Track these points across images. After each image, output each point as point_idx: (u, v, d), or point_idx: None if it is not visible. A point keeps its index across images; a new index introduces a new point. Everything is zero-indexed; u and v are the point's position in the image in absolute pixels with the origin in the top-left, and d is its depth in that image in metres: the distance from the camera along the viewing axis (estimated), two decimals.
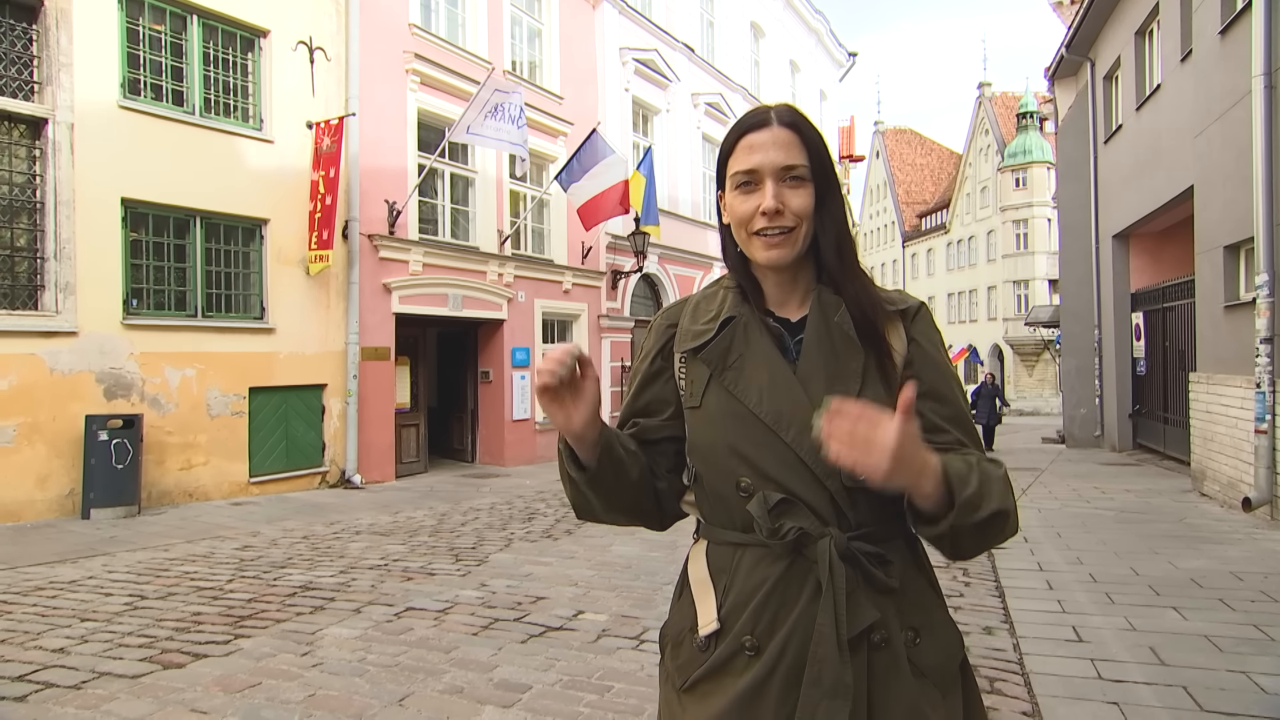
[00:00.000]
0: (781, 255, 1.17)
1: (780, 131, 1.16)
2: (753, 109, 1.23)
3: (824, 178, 1.18)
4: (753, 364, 1.18)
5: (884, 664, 1.10)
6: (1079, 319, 14.85)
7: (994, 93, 43.60)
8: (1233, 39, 7.58)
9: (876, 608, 1.11)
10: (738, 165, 1.18)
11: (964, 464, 1.10)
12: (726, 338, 1.21)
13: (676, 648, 1.22)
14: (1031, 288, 37.75)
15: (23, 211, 7.43)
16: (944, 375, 1.21)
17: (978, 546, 1.12)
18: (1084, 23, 12.99)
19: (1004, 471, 1.15)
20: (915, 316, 1.23)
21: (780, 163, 1.15)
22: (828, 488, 1.12)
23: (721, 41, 18.94)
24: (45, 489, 7.35)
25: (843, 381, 1.15)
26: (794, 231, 1.16)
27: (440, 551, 6.19)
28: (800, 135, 1.17)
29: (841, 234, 1.21)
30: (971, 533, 1.08)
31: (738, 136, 1.19)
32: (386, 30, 10.54)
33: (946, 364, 1.23)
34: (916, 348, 1.20)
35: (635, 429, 1.29)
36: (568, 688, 3.39)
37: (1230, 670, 3.45)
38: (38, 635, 4.05)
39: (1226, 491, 7.66)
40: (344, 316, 10.00)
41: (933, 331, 1.23)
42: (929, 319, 1.24)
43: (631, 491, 1.23)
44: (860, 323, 1.18)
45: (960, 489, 1.07)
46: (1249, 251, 7.51)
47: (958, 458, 1.12)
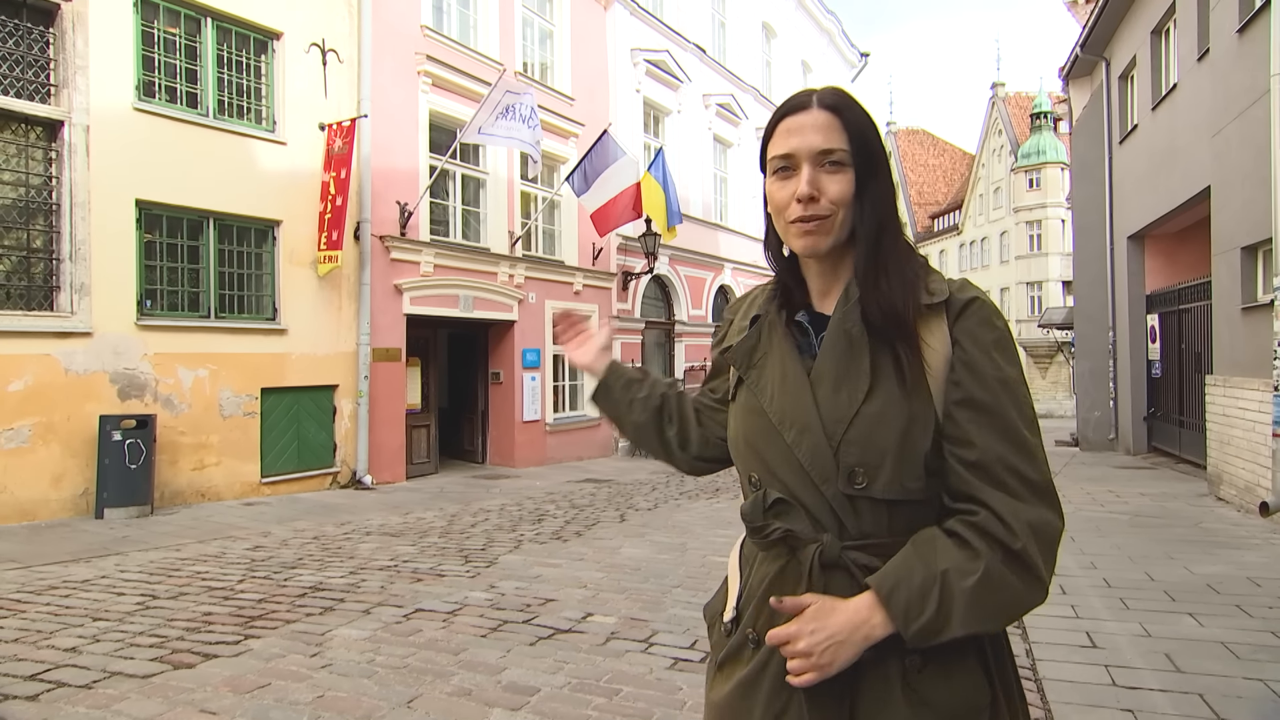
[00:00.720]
0: (815, 244, 1.12)
1: (820, 114, 1.10)
2: (797, 91, 1.18)
3: (867, 163, 1.11)
4: (772, 363, 1.18)
5: (872, 683, 1.05)
6: (1093, 321, 14.71)
7: (1007, 93, 43.32)
8: (1251, 37, 7.49)
9: None
10: (775, 149, 1.13)
11: (923, 582, 1.00)
12: (753, 336, 1.22)
13: (712, 629, 1.28)
14: (1045, 289, 37.48)
15: (39, 213, 7.50)
16: (988, 387, 1.05)
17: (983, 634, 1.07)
18: (1099, 22, 12.88)
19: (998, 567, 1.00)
20: (962, 312, 1.08)
21: (817, 146, 1.09)
22: (824, 493, 1.09)
23: (733, 42, 18.92)
24: (59, 488, 7.41)
25: (850, 383, 1.09)
26: (829, 219, 1.10)
27: (450, 553, 6.20)
28: (841, 118, 1.10)
29: (882, 223, 1.12)
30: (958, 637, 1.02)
31: (778, 119, 1.14)
32: (398, 32, 10.58)
33: (999, 368, 1.06)
34: (961, 348, 1.07)
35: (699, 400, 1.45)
36: (576, 690, 3.37)
37: (1247, 678, 3.40)
38: (50, 634, 4.08)
39: (1243, 496, 7.57)
40: (355, 317, 10.04)
41: (984, 330, 1.07)
42: (982, 314, 1.08)
43: (633, 430, 1.48)
44: (874, 319, 1.09)
45: (909, 621, 1.00)
46: (1267, 252, 7.42)
47: (920, 567, 1.01)
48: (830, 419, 1.09)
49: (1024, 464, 1.03)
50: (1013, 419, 1.04)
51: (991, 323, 1.08)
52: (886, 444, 1.05)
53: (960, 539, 1.03)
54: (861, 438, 1.06)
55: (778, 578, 1.12)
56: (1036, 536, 1.01)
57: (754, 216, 19.87)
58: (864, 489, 1.06)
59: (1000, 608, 1.02)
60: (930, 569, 1.01)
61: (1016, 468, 1.03)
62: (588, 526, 7.34)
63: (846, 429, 1.07)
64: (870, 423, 1.06)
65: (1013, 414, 1.05)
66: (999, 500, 1.02)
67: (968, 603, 0.99)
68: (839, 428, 1.07)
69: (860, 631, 1.02)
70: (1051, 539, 1.03)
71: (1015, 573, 1.01)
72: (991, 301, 1.11)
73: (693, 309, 16.97)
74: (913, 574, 1.02)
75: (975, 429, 1.04)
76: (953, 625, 0.99)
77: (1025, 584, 1.01)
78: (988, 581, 1.00)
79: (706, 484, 10.37)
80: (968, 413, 1.05)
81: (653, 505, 8.69)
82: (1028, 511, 1.02)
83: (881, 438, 1.05)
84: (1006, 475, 1.03)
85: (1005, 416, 1.04)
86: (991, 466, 1.03)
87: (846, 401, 1.08)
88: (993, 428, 1.04)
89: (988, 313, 1.09)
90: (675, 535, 6.87)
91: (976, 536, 1.02)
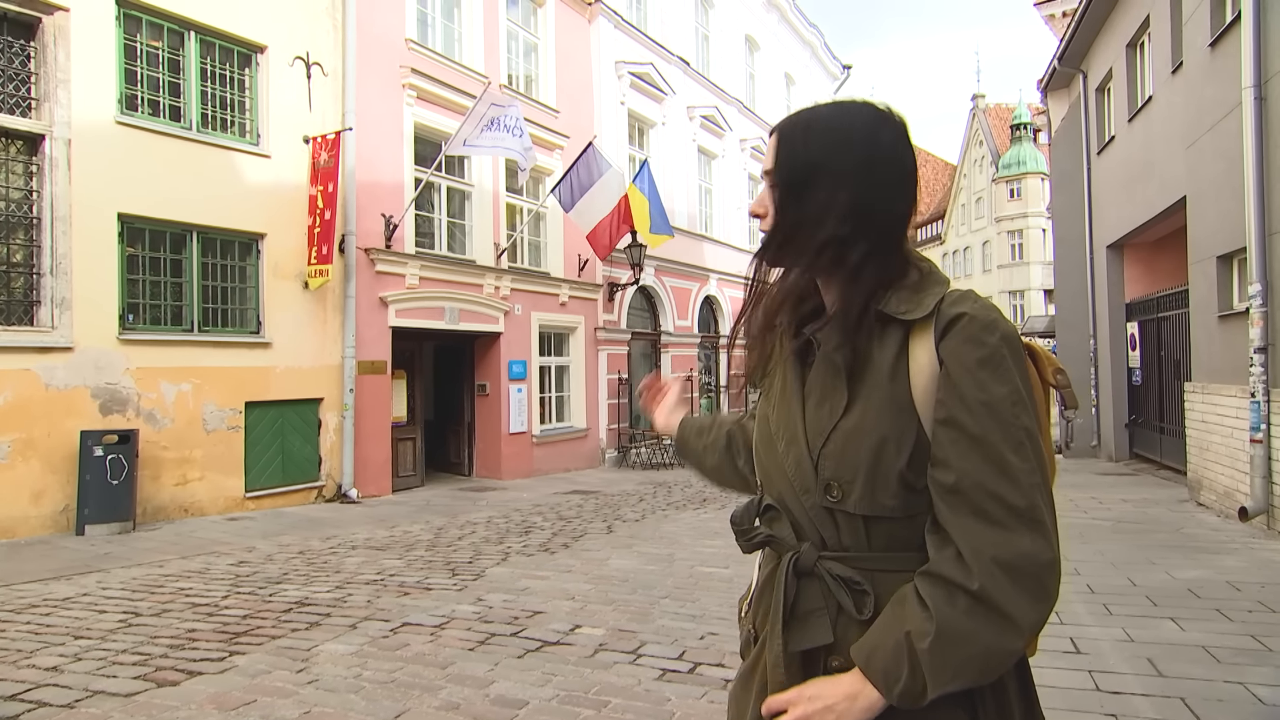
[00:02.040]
0: (766, 256, 1.22)
1: (770, 138, 1.21)
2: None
3: (789, 182, 1.12)
4: (778, 374, 1.24)
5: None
6: (1074, 329, 14.87)
7: (988, 104, 43.89)
8: (1222, 51, 7.64)
9: (832, 633, 1.07)
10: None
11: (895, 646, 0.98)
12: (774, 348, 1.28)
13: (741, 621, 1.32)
14: (1027, 298, 37.87)
15: (19, 227, 7.43)
16: (969, 408, 0.99)
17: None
18: (1076, 35, 13.10)
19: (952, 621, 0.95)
20: (947, 329, 1.03)
21: (765, 167, 1.19)
22: (804, 504, 1.12)
23: (717, 55, 19.06)
24: (39, 505, 7.32)
25: (831, 397, 1.11)
26: (772, 235, 1.18)
27: (436, 566, 6.17)
28: (779, 139, 1.16)
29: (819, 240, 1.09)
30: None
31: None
32: (383, 45, 10.60)
33: (980, 392, 0.99)
34: (946, 367, 1.02)
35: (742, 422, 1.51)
36: (564, 703, 3.37)
37: (1228, 681, 3.45)
38: (31, 653, 4.02)
39: (1223, 501, 7.67)
40: (340, 330, 10.00)
41: (970, 349, 1.01)
42: (967, 333, 1.02)
43: (714, 474, 1.54)
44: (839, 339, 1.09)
45: (890, 687, 0.99)
46: (1242, 262, 7.54)
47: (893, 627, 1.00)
48: (812, 432, 1.12)
49: (1005, 488, 0.97)
50: (994, 442, 0.98)
51: (979, 339, 1.01)
52: (858, 460, 1.05)
53: (917, 594, 1.00)
54: (836, 452, 1.08)
55: (770, 578, 1.17)
56: (1004, 572, 0.95)
57: (739, 228, 19.98)
58: (838, 502, 1.08)
59: (969, 661, 0.96)
60: (898, 632, 0.99)
61: (996, 492, 0.97)
62: (575, 538, 7.33)
63: (824, 443, 1.09)
64: (845, 438, 1.07)
65: (995, 437, 0.98)
66: (966, 532, 0.98)
67: (931, 664, 0.96)
68: (818, 441, 1.10)
69: (859, 703, 1.01)
70: (1030, 572, 0.95)
71: (977, 619, 0.95)
72: (987, 315, 1.03)
73: (678, 320, 17.02)
74: (885, 639, 1.00)
75: (954, 451, 1.00)
76: (930, 688, 0.97)
77: (993, 629, 0.95)
78: (943, 638, 0.95)
79: (694, 494, 10.38)
80: (948, 433, 1.01)
81: (640, 516, 8.69)
82: (1000, 544, 0.96)
83: (854, 453, 1.06)
84: (985, 501, 0.97)
85: (986, 439, 0.98)
86: (969, 492, 0.98)
87: (827, 416, 1.10)
88: (972, 450, 0.98)
89: (976, 329, 1.01)
90: (663, 546, 6.87)
91: (931, 587, 0.99)
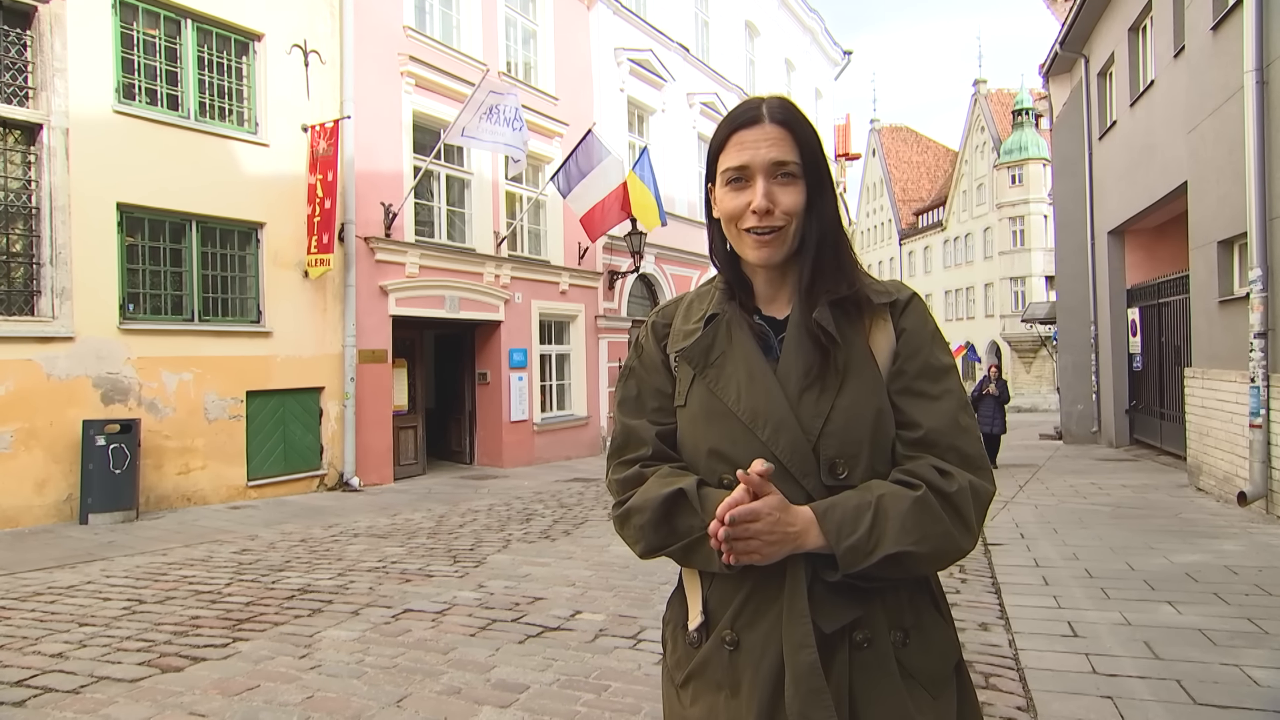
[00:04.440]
0: (771, 254, 1.17)
1: (772, 128, 1.14)
2: (745, 101, 1.21)
3: (815, 175, 1.16)
4: (733, 362, 1.18)
5: (868, 664, 1.09)
6: (1075, 315, 14.86)
7: (989, 90, 43.66)
8: (1225, 35, 7.60)
9: (859, 606, 1.09)
10: (729, 161, 1.17)
11: (857, 506, 1.06)
12: (709, 335, 1.21)
13: (673, 643, 1.24)
14: (1028, 284, 37.80)
15: (18, 217, 7.43)
16: (930, 370, 1.15)
17: (910, 574, 1.10)
18: (1078, 19, 13.02)
19: (931, 498, 1.06)
20: (905, 308, 1.18)
21: (771, 159, 1.13)
22: (804, 486, 1.11)
23: (716, 41, 18.96)
24: (43, 494, 7.35)
25: (822, 379, 1.14)
26: (783, 230, 1.15)
27: (438, 553, 6.20)
28: (792, 132, 1.15)
29: (830, 231, 1.18)
30: (882, 570, 1.05)
31: (729, 131, 1.17)
32: (381, 33, 10.55)
33: (938, 358, 1.17)
34: (905, 340, 1.16)
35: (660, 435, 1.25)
36: (565, 687, 3.40)
37: (1224, 664, 3.47)
38: (36, 640, 4.06)
39: (1222, 486, 7.69)
40: (341, 319, 10.01)
41: (924, 323, 1.18)
42: (921, 310, 1.19)
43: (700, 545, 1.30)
44: (842, 317, 1.16)
45: (840, 538, 1.04)
46: (1242, 247, 7.53)
47: (855, 495, 1.08)
48: (807, 415, 1.12)
49: (962, 442, 1.12)
50: (952, 404, 1.14)
51: (928, 317, 1.20)
52: (862, 435, 1.12)
53: (899, 478, 1.11)
54: (839, 430, 1.11)
55: (764, 573, 1.10)
56: (972, 490, 1.09)
57: None
58: (845, 479, 1.11)
59: (930, 537, 1.05)
60: (866, 497, 1.07)
61: (955, 445, 1.12)
62: (576, 525, 7.36)
63: (825, 423, 1.11)
64: (846, 415, 1.11)
65: (953, 399, 1.14)
66: (940, 462, 1.11)
67: (901, 525, 1.04)
68: (816, 422, 1.12)
69: (794, 540, 1.06)
70: (984, 499, 1.10)
71: (948, 512, 1.07)
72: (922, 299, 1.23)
73: None
74: (848, 500, 1.08)
75: (920, 413, 1.13)
76: (884, 544, 1.04)
77: (955, 526, 1.07)
78: (922, 507, 1.06)
79: None
80: (914, 399, 1.14)
81: None
82: (965, 474, 1.10)
83: (857, 428, 1.11)
84: (947, 451, 1.11)
85: (946, 401, 1.14)
86: (935, 443, 1.12)
87: (819, 396, 1.12)
88: (935, 411, 1.13)
89: (923, 309, 1.20)
90: None
91: (915, 476, 1.10)
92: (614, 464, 1.26)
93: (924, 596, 1.17)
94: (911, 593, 1.15)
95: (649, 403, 1.26)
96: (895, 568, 1.05)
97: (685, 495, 1.13)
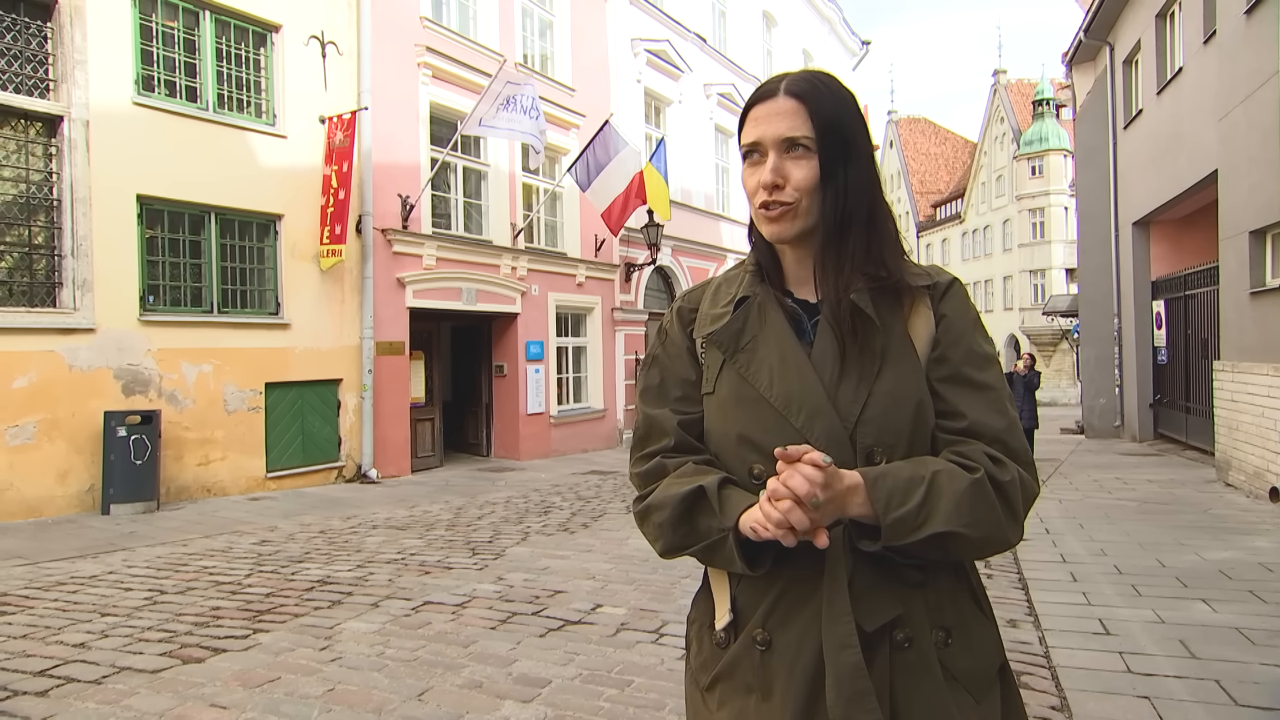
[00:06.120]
0: (781, 230, 1.12)
1: (785, 102, 1.10)
2: (771, 77, 1.17)
3: (833, 150, 1.09)
4: (765, 346, 1.13)
5: (909, 665, 1.04)
6: (1098, 308, 14.66)
7: (1009, 80, 43.06)
8: (1259, 19, 7.41)
9: (900, 602, 1.05)
10: (746, 137, 1.14)
11: (910, 479, 1.01)
12: (739, 319, 1.16)
13: (698, 644, 1.20)
14: (1048, 277, 37.34)
15: (40, 209, 7.47)
16: (974, 357, 1.11)
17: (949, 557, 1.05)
18: (1103, 6, 12.79)
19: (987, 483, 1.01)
20: (946, 293, 1.14)
21: (782, 134, 1.09)
22: None
23: (733, 31, 18.80)
24: (65, 485, 7.40)
25: (859, 364, 1.09)
26: (794, 206, 1.10)
27: (457, 545, 6.18)
28: (807, 105, 1.09)
29: (856, 207, 1.11)
30: (925, 549, 1.00)
31: (749, 107, 1.15)
32: (398, 24, 10.52)
33: (981, 346, 1.13)
34: (946, 326, 1.12)
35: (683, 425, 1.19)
36: (587, 682, 3.36)
37: (1264, 664, 3.38)
38: (59, 630, 4.07)
39: (1253, 481, 7.54)
40: (358, 311, 10.01)
41: (966, 309, 1.14)
42: (962, 296, 1.15)
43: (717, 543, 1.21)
44: (880, 300, 1.10)
45: (890, 509, 0.99)
46: (1275, 236, 7.37)
47: (909, 467, 1.03)
48: (844, 400, 1.08)
49: (1009, 435, 1.08)
50: (999, 394, 1.10)
51: (970, 303, 1.16)
52: (902, 422, 1.07)
53: (954, 458, 1.06)
54: (878, 417, 1.07)
55: (798, 569, 1.06)
56: (1022, 483, 1.05)
57: None
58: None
59: (982, 522, 1.01)
60: (920, 471, 1.03)
61: (1002, 438, 1.07)
62: (594, 518, 7.33)
63: (862, 409, 1.07)
64: (885, 402, 1.07)
65: (999, 389, 1.11)
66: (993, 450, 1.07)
67: (955, 504, 1.00)
68: (854, 408, 1.07)
69: (842, 502, 0.99)
70: (1030, 495, 1.07)
71: (1000, 500, 1.03)
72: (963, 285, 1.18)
73: None
74: (900, 470, 1.03)
75: (965, 402, 1.09)
76: (934, 521, 0.99)
77: (1005, 515, 1.03)
78: (979, 490, 1.02)
79: None
80: (957, 387, 1.10)
81: None
82: (1015, 465, 1.06)
83: (897, 416, 1.07)
84: (993, 443, 1.07)
85: (992, 390, 1.10)
86: (981, 434, 1.07)
87: (857, 382, 1.08)
88: (980, 401, 1.09)
89: (964, 295, 1.16)
90: None
91: (971, 460, 1.05)
92: (636, 456, 1.21)
93: (964, 593, 1.12)
94: (952, 589, 1.10)
95: (672, 391, 1.21)
96: (938, 548, 1.00)
97: (705, 494, 1.07)
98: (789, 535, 0.97)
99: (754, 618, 1.10)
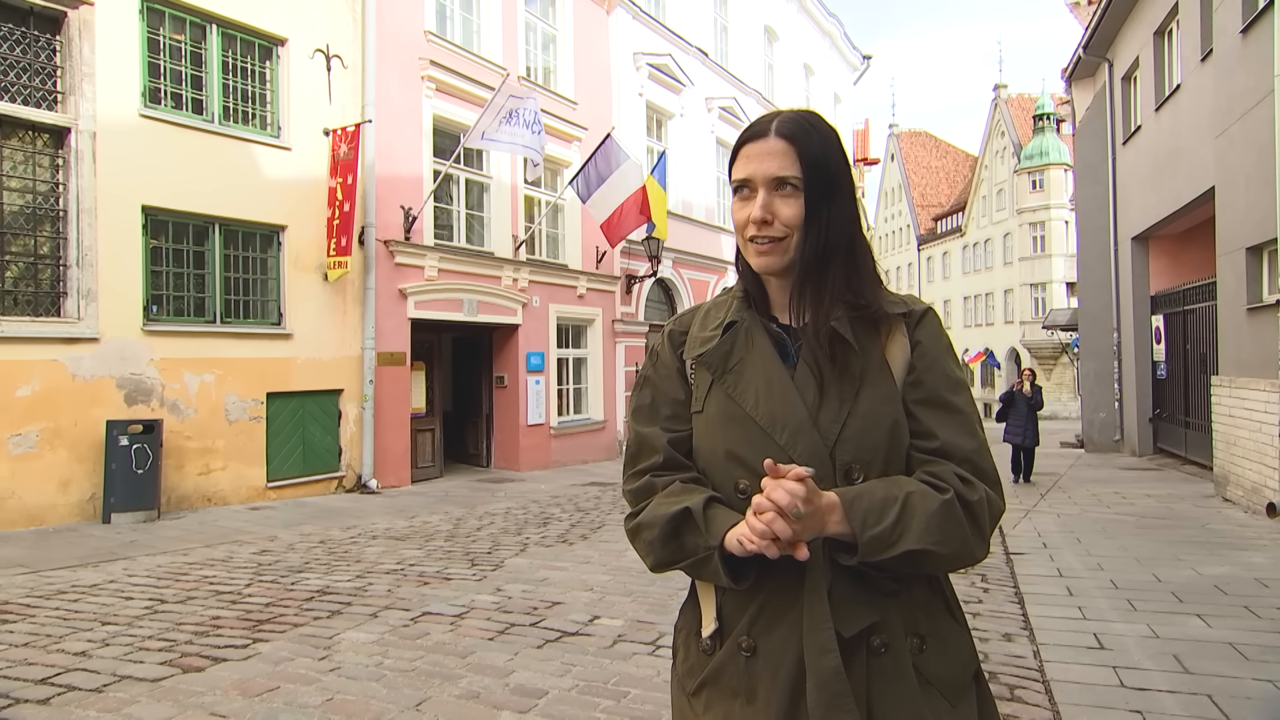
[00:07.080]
0: (769, 263, 1.19)
1: (775, 142, 1.17)
2: (761, 116, 1.24)
3: (818, 190, 1.17)
4: (752, 368, 1.20)
5: (885, 669, 1.10)
6: (1098, 322, 14.70)
7: (1010, 95, 43.30)
8: (1255, 38, 7.49)
9: (877, 610, 1.11)
10: (737, 173, 1.21)
11: (884, 499, 1.07)
12: (728, 342, 1.23)
13: (685, 651, 1.25)
14: (1048, 290, 37.41)
15: (46, 219, 7.53)
16: (948, 382, 1.18)
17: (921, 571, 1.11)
18: (1102, 23, 12.89)
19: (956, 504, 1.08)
20: (921, 321, 1.21)
21: (772, 173, 1.16)
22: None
23: (735, 45, 18.94)
24: (67, 493, 7.43)
25: (839, 386, 1.15)
26: (783, 241, 1.18)
27: (456, 556, 6.20)
28: (796, 145, 1.16)
29: (838, 242, 1.18)
30: (898, 564, 1.06)
31: (740, 145, 1.22)
32: (402, 37, 10.62)
33: (952, 370, 1.20)
34: (921, 352, 1.18)
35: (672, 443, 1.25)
36: (584, 693, 3.38)
37: (1256, 679, 3.40)
38: (60, 639, 4.09)
39: (1250, 497, 7.55)
40: (360, 322, 10.06)
41: (939, 336, 1.21)
42: (936, 324, 1.22)
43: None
44: (858, 327, 1.17)
45: (866, 528, 1.05)
46: (1272, 253, 7.41)
47: (884, 488, 1.09)
48: (825, 419, 1.14)
49: (978, 457, 1.15)
50: (969, 417, 1.17)
51: (943, 331, 1.23)
52: (878, 441, 1.14)
53: (925, 479, 1.13)
54: (856, 436, 1.13)
55: (780, 578, 1.12)
56: (989, 503, 1.12)
57: None
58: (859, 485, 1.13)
59: (951, 540, 1.07)
60: (894, 491, 1.09)
61: (972, 459, 1.14)
62: (593, 529, 7.35)
63: (842, 428, 1.13)
64: (863, 422, 1.14)
65: (969, 412, 1.17)
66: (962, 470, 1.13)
67: (926, 523, 1.06)
68: (834, 427, 1.14)
69: (822, 520, 1.06)
70: (996, 513, 1.13)
71: (969, 519, 1.09)
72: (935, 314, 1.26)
73: None
74: (875, 491, 1.09)
75: (938, 424, 1.15)
76: (907, 539, 1.05)
77: (973, 533, 1.09)
78: (948, 511, 1.08)
79: None
80: (930, 410, 1.16)
81: None
82: (983, 485, 1.13)
83: (874, 435, 1.14)
84: (963, 463, 1.14)
85: (962, 414, 1.16)
86: (952, 454, 1.14)
87: (837, 402, 1.15)
88: (952, 423, 1.15)
89: (939, 323, 1.23)
90: None
91: (942, 480, 1.12)
92: (628, 474, 1.29)
93: (938, 602, 1.18)
94: (927, 598, 1.16)
95: (663, 410, 1.28)
96: (911, 563, 1.07)
97: (691, 515, 1.14)
98: (772, 546, 1.03)
99: (739, 625, 1.16)
